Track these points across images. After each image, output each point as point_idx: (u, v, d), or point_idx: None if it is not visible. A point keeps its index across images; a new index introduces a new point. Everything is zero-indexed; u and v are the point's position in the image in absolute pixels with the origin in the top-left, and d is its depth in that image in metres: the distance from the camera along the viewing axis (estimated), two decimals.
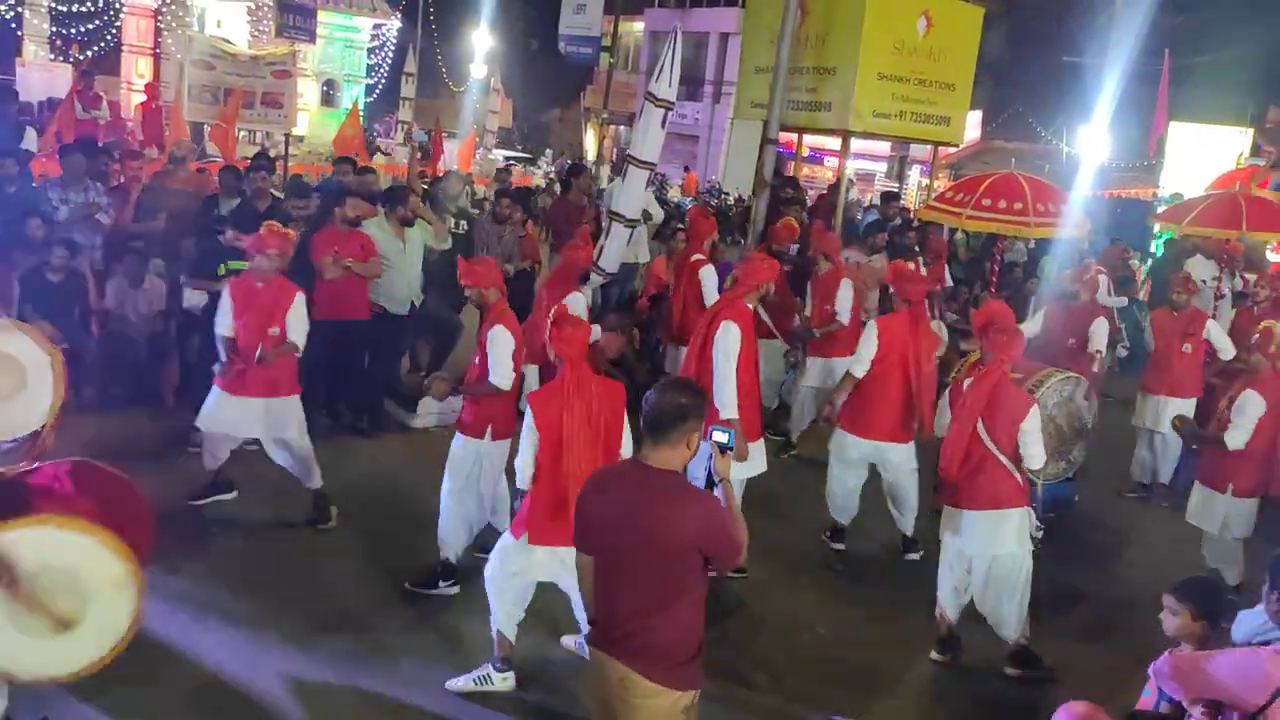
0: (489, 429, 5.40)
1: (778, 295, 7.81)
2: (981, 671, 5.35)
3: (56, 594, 3.36)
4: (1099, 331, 7.46)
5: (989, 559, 5.16)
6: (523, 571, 4.67)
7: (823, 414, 6.62)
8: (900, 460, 6.44)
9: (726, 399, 5.53)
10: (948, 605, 5.40)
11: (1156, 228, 14.50)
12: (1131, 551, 6.73)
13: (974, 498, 5.13)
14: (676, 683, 3.25)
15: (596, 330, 6.73)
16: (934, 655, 5.44)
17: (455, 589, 5.51)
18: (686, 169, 28.32)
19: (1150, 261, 14.54)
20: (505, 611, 4.74)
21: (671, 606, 3.22)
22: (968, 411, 5.10)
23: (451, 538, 5.54)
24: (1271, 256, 13.62)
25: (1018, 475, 5.11)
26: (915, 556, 6.59)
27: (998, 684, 5.27)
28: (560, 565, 4.56)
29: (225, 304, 5.87)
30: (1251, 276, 11.09)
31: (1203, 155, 22.03)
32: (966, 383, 5.22)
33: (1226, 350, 7.67)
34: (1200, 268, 10.62)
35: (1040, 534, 5.33)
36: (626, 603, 3.24)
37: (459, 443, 5.49)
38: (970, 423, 5.08)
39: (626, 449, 4.56)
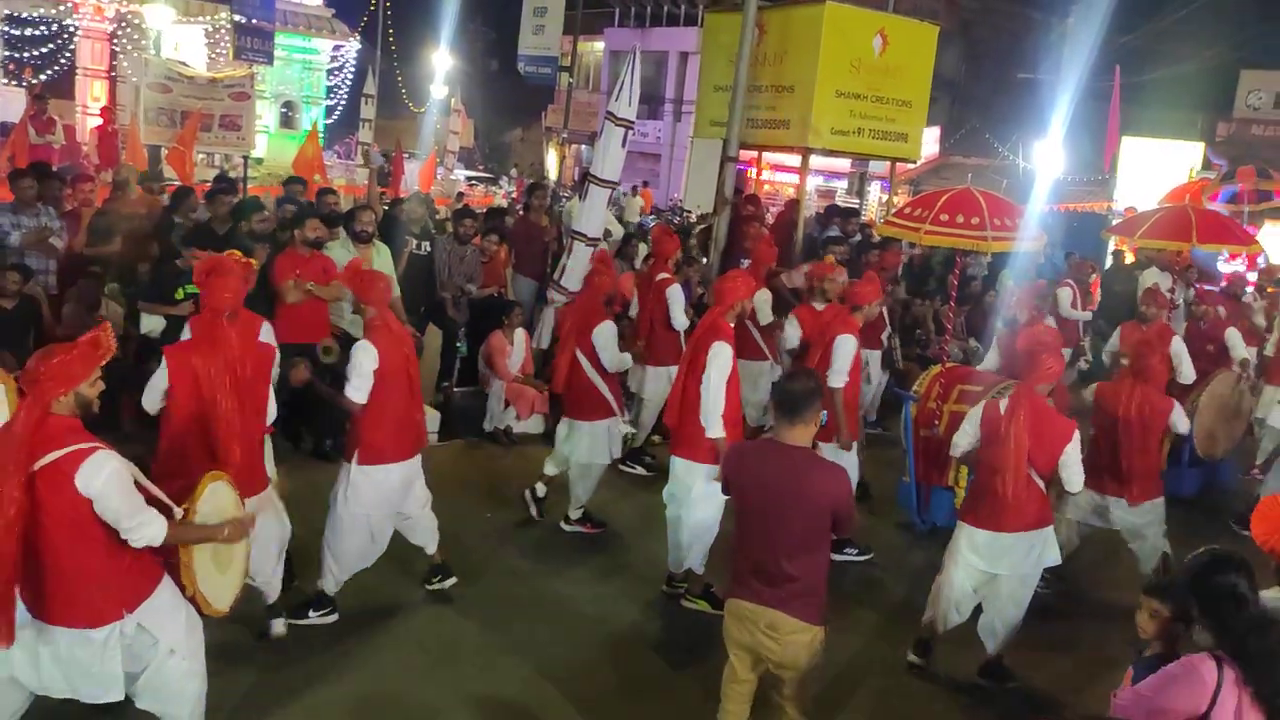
0: (355, 452, 5.22)
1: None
2: (947, 677, 5.41)
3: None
4: None
5: (1017, 577, 5.18)
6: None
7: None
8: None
9: (714, 418, 5.55)
10: (941, 619, 5.40)
11: (1112, 242, 14.74)
12: (1091, 563, 6.81)
13: (1014, 520, 5.09)
14: (815, 619, 3.95)
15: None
16: (911, 658, 5.50)
17: (330, 618, 5.35)
18: (645, 184, 28.39)
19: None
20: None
21: (811, 558, 3.92)
22: (1018, 440, 4.97)
23: (329, 564, 5.34)
24: (1223, 268, 13.87)
25: (1043, 495, 5.15)
26: (847, 557, 6.71)
27: (964, 690, 5.32)
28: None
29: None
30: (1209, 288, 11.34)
31: (1155, 169, 22.44)
32: (1003, 405, 5.12)
33: (1187, 375, 7.78)
34: (1155, 279, 10.80)
35: None
36: (775, 557, 3.90)
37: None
38: (1023, 451, 4.98)
39: (270, 416, 4.78)
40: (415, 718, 4.66)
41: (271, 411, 4.87)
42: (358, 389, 5.10)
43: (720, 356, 5.58)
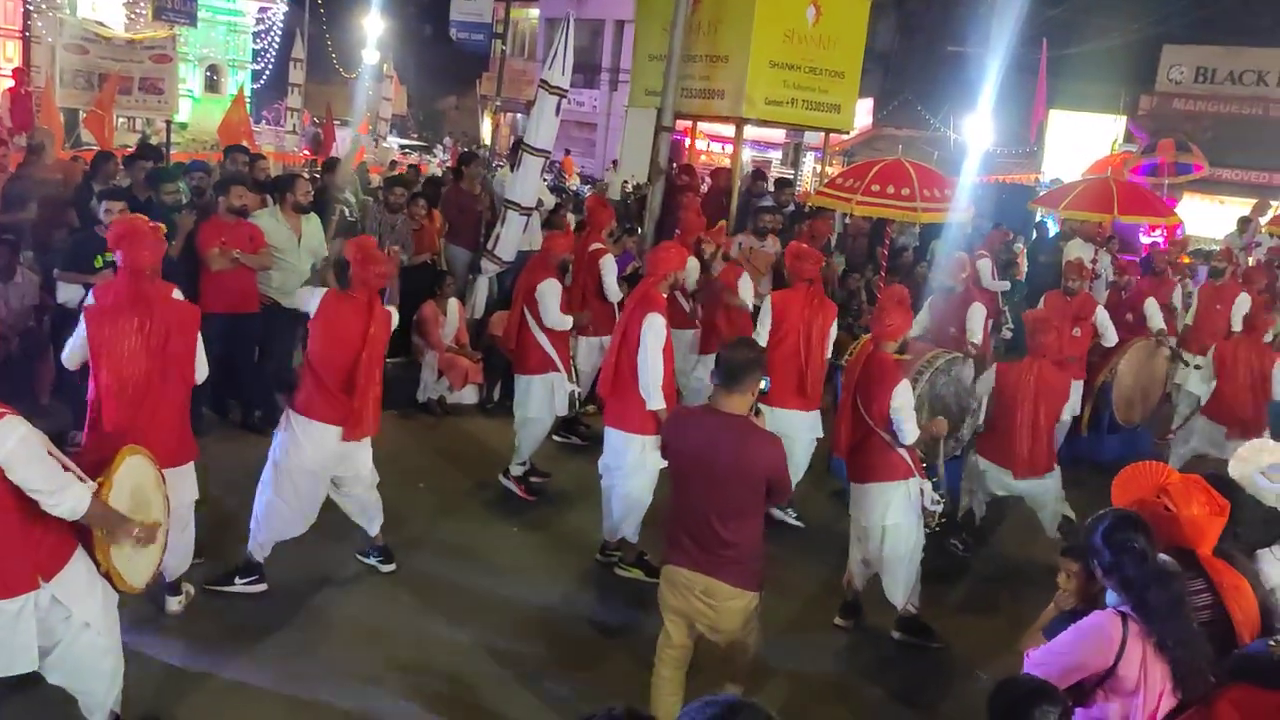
0: (296, 399, 5.24)
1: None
2: (875, 638, 5.55)
3: (140, 509, 3.90)
4: (974, 321, 7.71)
5: (880, 529, 5.34)
6: None
7: None
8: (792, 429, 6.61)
9: (653, 389, 5.59)
10: (856, 574, 5.62)
11: (1039, 213, 15.03)
12: (1010, 528, 6.99)
13: (861, 471, 5.36)
14: (750, 585, 4.03)
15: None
16: (837, 621, 5.66)
17: (257, 587, 5.32)
18: (568, 151, 28.15)
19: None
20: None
21: (745, 526, 3.98)
22: (846, 390, 5.36)
23: (255, 528, 5.33)
24: (1144, 239, 14.23)
25: (900, 450, 5.26)
26: (786, 517, 6.87)
27: (890, 650, 5.48)
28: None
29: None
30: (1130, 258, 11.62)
31: (1080, 141, 22.94)
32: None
33: (1110, 339, 8.04)
34: (1079, 250, 11.06)
35: (939, 508, 5.53)
36: (711, 523, 3.94)
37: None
38: (849, 400, 5.29)
39: (200, 375, 4.67)
40: (347, 690, 4.62)
41: (201, 372, 4.74)
42: (307, 301, 5.18)
43: (655, 327, 5.59)
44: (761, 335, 6.62)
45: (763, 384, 4.07)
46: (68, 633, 3.67)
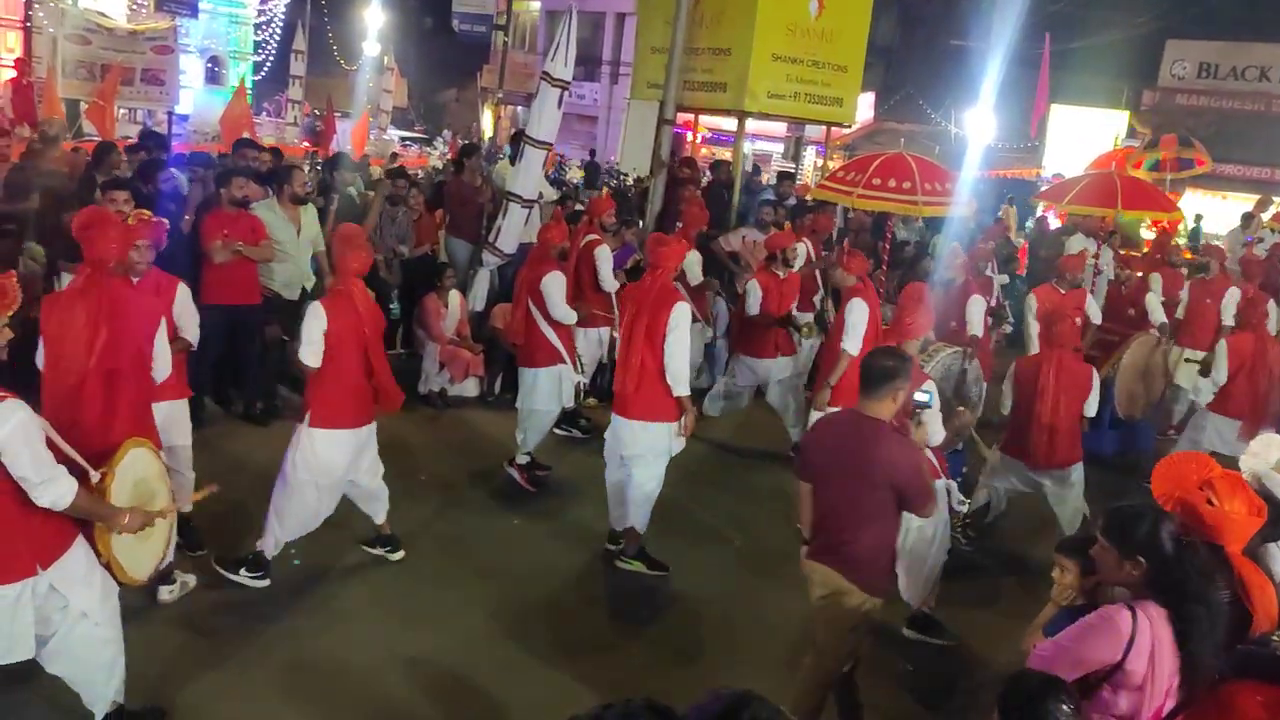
0: (308, 414, 5.22)
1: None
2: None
3: (143, 503, 3.89)
4: (974, 314, 7.71)
5: (903, 531, 5.28)
6: None
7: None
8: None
9: (685, 377, 5.71)
10: None
11: (1040, 208, 15.04)
12: (1015, 520, 7.00)
13: None
14: (867, 587, 4.07)
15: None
16: None
17: (261, 583, 5.30)
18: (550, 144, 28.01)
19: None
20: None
21: (869, 527, 4.03)
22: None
23: (273, 525, 5.31)
24: (1146, 234, 14.22)
25: (926, 452, 5.22)
26: None
27: (894, 643, 5.44)
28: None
29: None
30: (1133, 254, 11.62)
31: (1082, 136, 22.90)
32: None
33: (1096, 316, 8.12)
34: (1081, 245, 11.06)
35: (965, 507, 5.49)
36: (836, 521, 4.08)
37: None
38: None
39: (162, 372, 4.57)
40: (349, 681, 4.63)
41: (163, 369, 4.62)
42: (308, 352, 5.13)
43: (685, 317, 5.67)
44: (854, 340, 6.57)
45: (925, 397, 4.12)
46: (65, 622, 3.65)
